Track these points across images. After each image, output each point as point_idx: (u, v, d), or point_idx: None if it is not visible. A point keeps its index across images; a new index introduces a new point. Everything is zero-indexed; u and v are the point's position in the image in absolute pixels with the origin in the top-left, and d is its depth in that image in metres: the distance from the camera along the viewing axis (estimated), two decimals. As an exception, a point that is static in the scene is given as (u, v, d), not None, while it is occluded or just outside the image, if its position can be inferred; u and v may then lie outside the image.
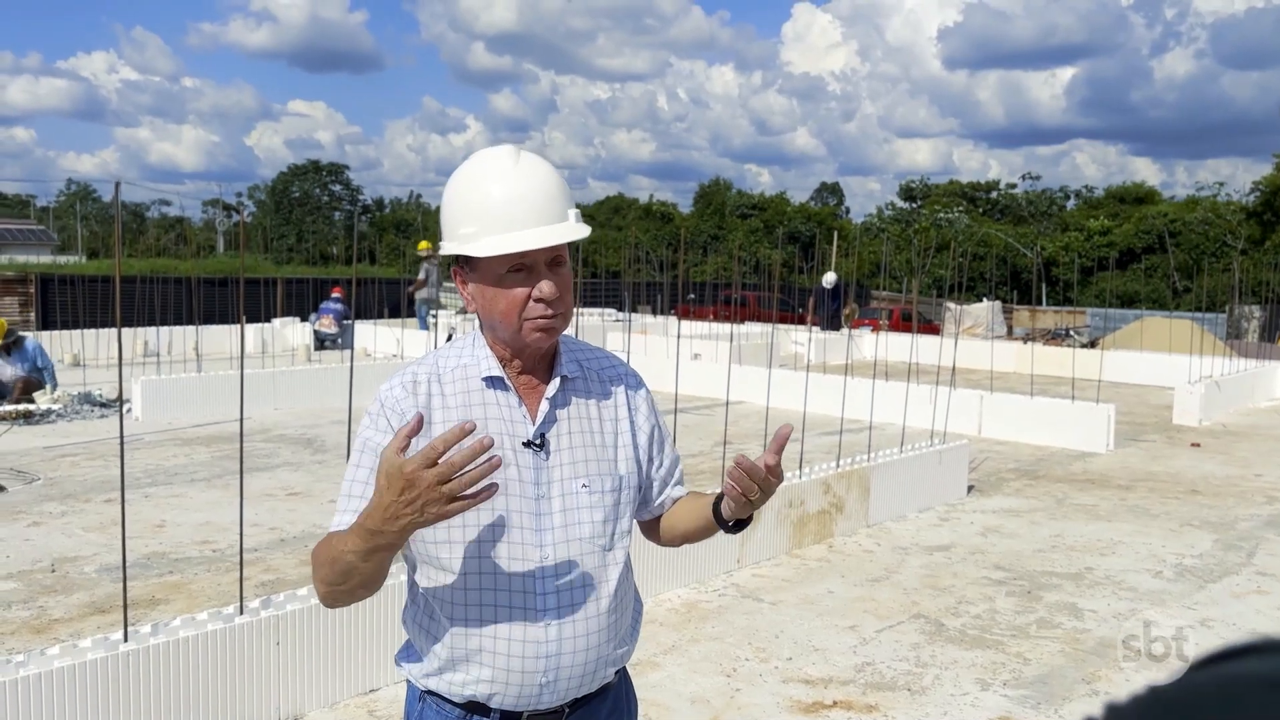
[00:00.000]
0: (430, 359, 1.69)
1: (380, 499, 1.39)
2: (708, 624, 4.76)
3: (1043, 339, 21.72)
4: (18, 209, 68.37)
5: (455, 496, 1.37)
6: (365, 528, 1.43)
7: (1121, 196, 53.30)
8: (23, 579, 5.16)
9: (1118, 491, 7.83)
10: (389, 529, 1.41)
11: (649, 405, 1.79)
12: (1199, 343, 14.29)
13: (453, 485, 1.36)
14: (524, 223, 1.55)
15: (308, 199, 64.18)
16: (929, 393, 9.08)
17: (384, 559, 1.51)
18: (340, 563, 1.50)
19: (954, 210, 51.38)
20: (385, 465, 1.39)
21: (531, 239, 1.55)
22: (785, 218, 51.86)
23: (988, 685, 4.13)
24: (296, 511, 6.61)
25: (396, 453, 1.38)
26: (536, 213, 1.56)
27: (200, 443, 8.87)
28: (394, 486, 1.37)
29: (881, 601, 5.13)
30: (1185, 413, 11.46)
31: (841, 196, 66.78)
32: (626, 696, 1.82)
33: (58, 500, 6.74)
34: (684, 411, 10.05)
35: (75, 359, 14.19)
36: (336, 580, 1.53)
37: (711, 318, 20.50)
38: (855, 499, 6.45)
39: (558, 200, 1.59)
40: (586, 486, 1.65)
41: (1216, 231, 42.24)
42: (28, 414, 9.78)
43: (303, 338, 17.02)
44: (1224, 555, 6.09)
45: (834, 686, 4.09)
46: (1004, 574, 5.64)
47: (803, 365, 12.65)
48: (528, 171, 1.58)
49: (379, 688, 3.95)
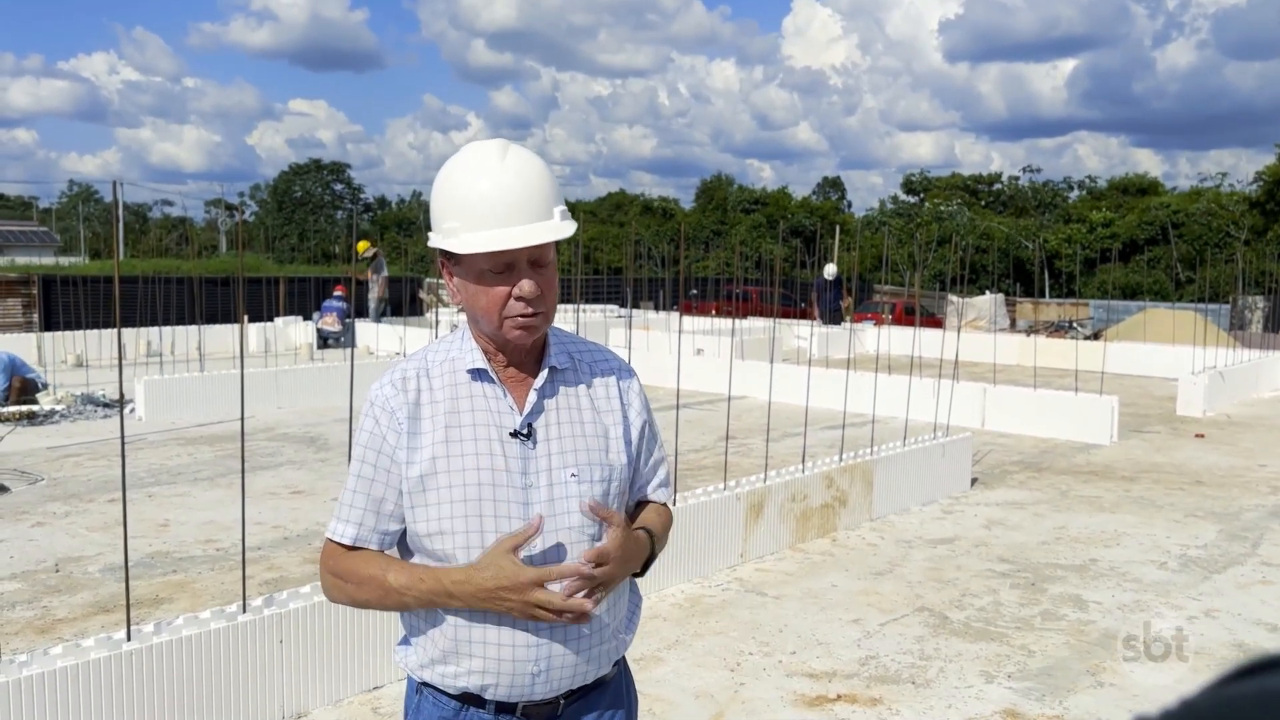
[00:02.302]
0: (419, 355, 1.71)
1: (478, 578, 1.54)
2: (711, 618, 4.75)
3: (1046, 331, 21.69)
4: (20, 210, 68.46)
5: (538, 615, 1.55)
6: (446, 589, 1.56)
7: (1124, 188, 53.16)
8: (27, 579, 5.17)
9: (1122, 483, 7.82)
10: (468, 601, 1.56)
11: (641, 399, 1.79)
12: (1202, 334, 14.26)
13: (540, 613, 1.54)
14: (506, 220, 1.55)
15: (310, 198, 64.18)
16: (932, 386, 9.07)
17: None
18: (392, 599, 1.61)
19: (956, 203, 51.28)
20: (501, 553, 1.54)
21: (510, 238, 1.55)
22: (787, 212, 51.80)
23: (992, 678, 4.13)
24: (300, 510, 6.61)
25: (513, 545, 1.54)
26: (519, 210, 1.56)
27: (203, 442, 8.88)
28: (501, 578, 1.53)
29: (885, 595, 5.12)
30: (1189, 404, 11.44)
31: (843, 191, 66.59)
32: (626, 689, 1.82)
33: (61, 500, 6.75)
34: (686, 407, 10.04)
35: (78, 360, 14.21)
36: (376, 604, 1.65)
37: (714, 313, 20.49)
38: (858, 493, 6.44)
39: (542, 197, 1.59)
40: (575, 475, 1.65)
41: (1219, 222, 42.13)
42: (31, 415, 9.79)
43: (305, 336, 17.03)
44: (1229, 546, 6.08)
45: (838, 680, 4.09)
46: (1008, 566, 5.63)
47: (805, 360, 12.64)
48: (514, 167, 1.58)
49: (382, 685, 3.95)
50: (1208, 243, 39.59)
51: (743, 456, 8.16)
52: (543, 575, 1.51)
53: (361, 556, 1.64)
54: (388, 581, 1.60)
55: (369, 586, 1.62)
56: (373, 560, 1.64)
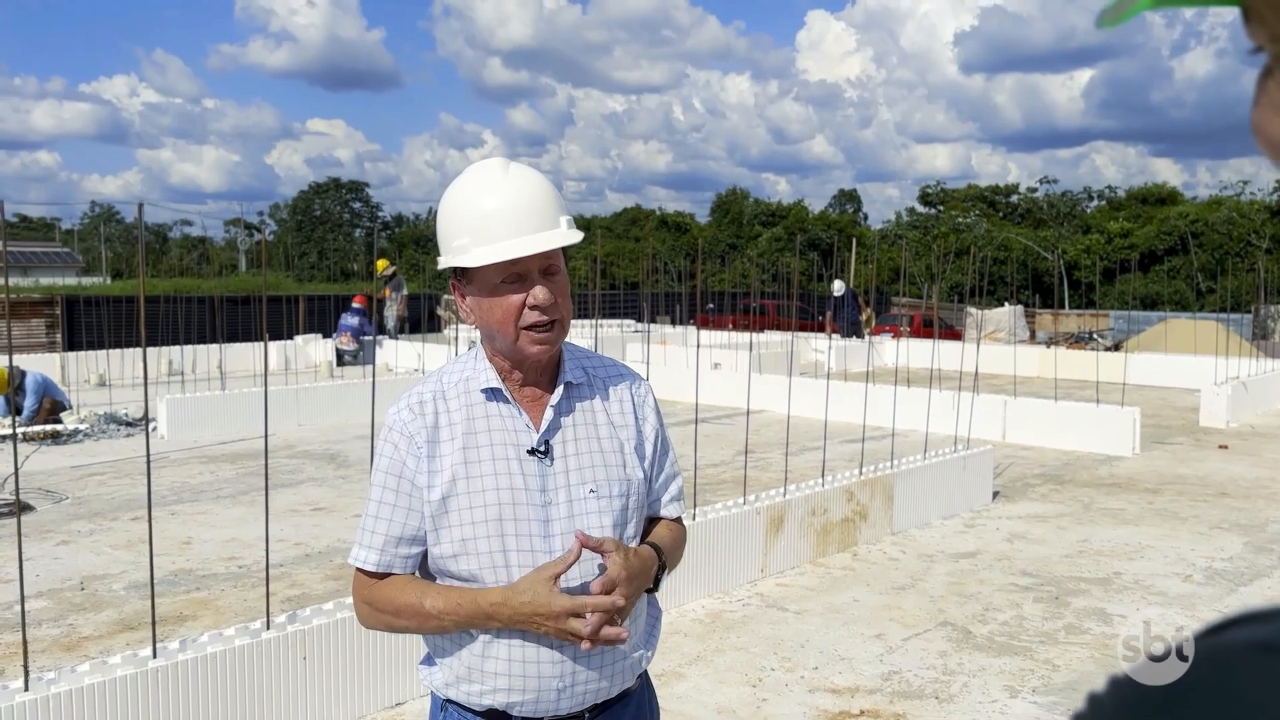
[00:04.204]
0: (434, 377, 1.73)
1: (516, 601, 1.56)
2: (732, 634, 4.74)
3: (1066, 343, 21.55)
4: (43, 232, 69.26)
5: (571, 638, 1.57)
6: (485, 612, 1.58)
7: (1143, 198, 52.88)
8: (53, 597, 5.21)
9: (1145, 495, 7.76)
10: (506, 623, 1.58)
11: (655, 412, 1.80)
12: (1224, 344, 14.14)
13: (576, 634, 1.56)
14: (514, 231, 1.58)
15: (328, 216, 64.62)
16: (951, 399, 9.03)
17: None
18: (431, 623, 1.63)
19: (973, 215, 51.13)
20: (541, 580, 1.56)
21: (521, 246, 1.57)
22: (804, 225, 51.78)
23: (1016, 692, 4.10)
24: (321, 526, 6.64)
25: (552, 574, 1.56)
26: (526, 221, 1.59)
27: (225, 460, 8.94)
28: (537, 604, 1.55)
29: (907, 609, 5.10)
30: (1212, 415, 11.34)
31: (859, 203, 66.49)
32: (649, 703, 1.83)
33: (86, 519, 6.81)
34: (705, 421, 10.03)
35: (101, 379, 14.34)
36: (415, 630, 1.68)
37: (731, 327, 20.47)
38: (879, 507, 6.41)
39: (548, 208, 1.62)
40: (594, 491, 1.66)
41: (1240, 231, 41.83)
42: (55, 434, 9.89)
43: (325, 354, 17.13)
44: (1254, 558, 6.02)
45: (861, 695, 4.07)
46: (1031, 580, 5.59)
47: (824, 373, 12.61)
48: (517, 181, 1.62)
49: (404, 701, 3.96)
50: (1228, 252, 39.30)
51: (762, 470, 8.14)
52: (577, 606, 1.54)
53: (393, 584, 1.65)
54: (424, 608, 1.61)
55: (406, 614, 1.63)
56: (406, 587, 1.64)
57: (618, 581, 1.58)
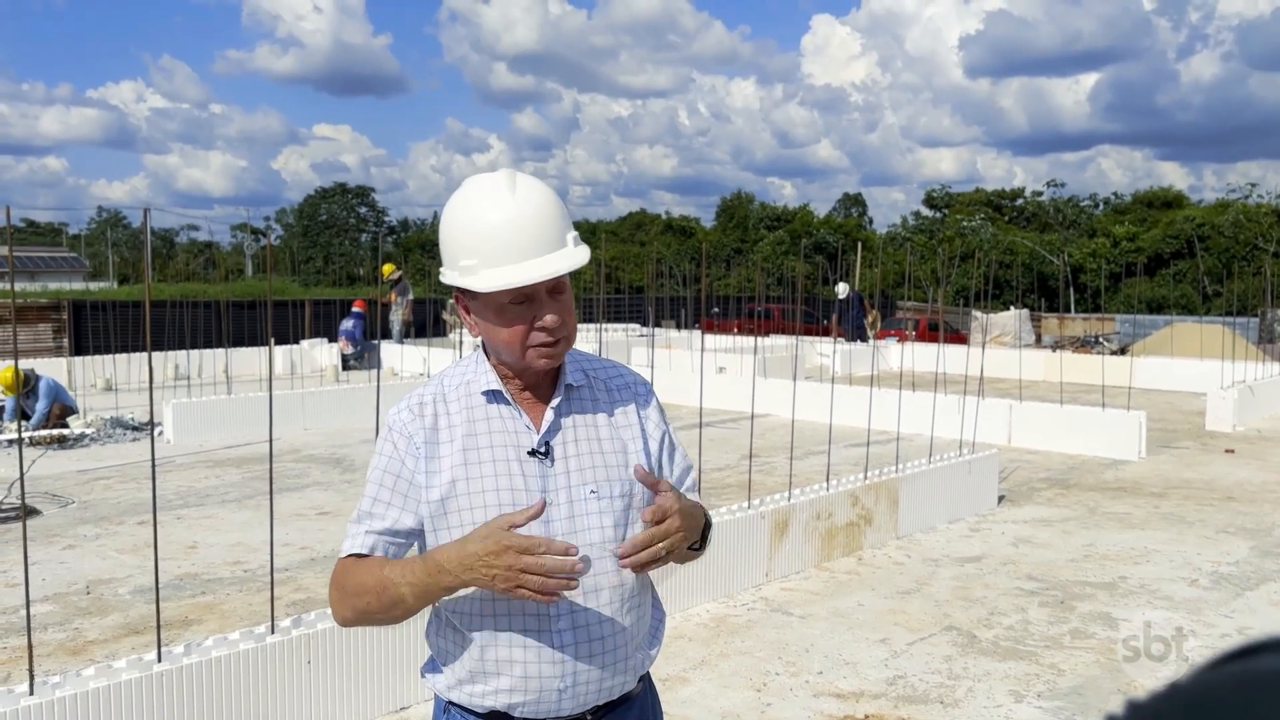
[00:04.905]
0: (436, 380, 1.73)
1: (466, 547, 1.49)
2: (737, 638, 4.74)
3: (1072, 347, 21.52)
4: (50, 237, 69.50)
5: (524, 585, 1.47)
6: (436, 561, 1.52)
7: (1149, 201, 52.77)
8: (58, 601, 5.23)
9: (1151, 499, 7.74)
10: (456, 573, 1.50)
11: (659, 413, 1.80)
12: (1231, 347, 14.10)
13: (530, 578, 1.46)
14: (523, 253, 1.56)
15: (334, 221, 64.79)
16: (957, 402, 9.02)
17: (434, 599, 1.59)
18: (389, 593, 1.57)
19: (979, 218, 51.07)
20: (494, 525, 1.49)
21: (531, 272, 1.55)
22: (810, 229, 51.77)
23: (1021, 697, 4.09)
24: (326, 531, 6.65)
25: (509, 524, 1.49)
26: (535, 242, 1.57)
27: (231, 464, 8.95)
28: (487, 544, 1.47)
29: (912, 614, 5.09)
30: (1218, 419, 11.30)
31: (865, 207, 66.43)
32: (652, 707, 1.83)
33: (92, 523, 6.83)
34: (709, 425, 10.03)
35: (108, 383, 14.38)
36: (378, 609, 1.60)
37: (736, 331, 20.47)
38: (884, 511, 6.41)
39: (555, 226, 1.60)
40: (595, 492, 1.66)
41: (1247, 235, 41.72)
42: (62, 438, 9.92)
43: (330, 358, 17.17)
44: (1261, 562, 6.00)
45: (865, 700, 4.06)
46: (1036, 584, 5.58)
47: (828, 377, 12.60)
48: (524, 198, 1.59)
49: (409, 705, 3.96)
50: (1235, 256, 39.20)
51: (766, 475, 8.14)
52: (532, 544, 1.46)
53: (363, 563, 1.62)
54: (383, 574, 1.57)
55: (371, 594, 1.58)
56: (371, 565, 1.61)
57: (669, 512, 1.53)
